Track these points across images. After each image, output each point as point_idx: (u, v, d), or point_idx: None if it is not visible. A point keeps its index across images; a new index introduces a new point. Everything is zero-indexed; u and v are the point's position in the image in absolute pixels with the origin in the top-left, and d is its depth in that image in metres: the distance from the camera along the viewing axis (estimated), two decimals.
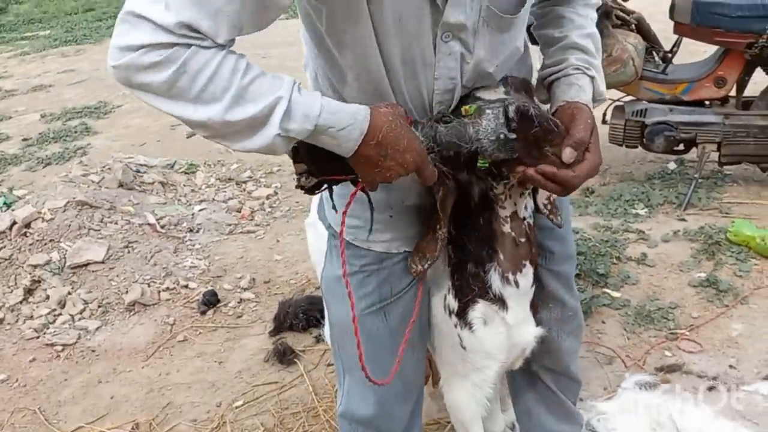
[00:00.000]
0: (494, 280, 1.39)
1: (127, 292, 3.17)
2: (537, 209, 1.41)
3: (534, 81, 1.41)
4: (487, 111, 1.17)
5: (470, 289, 1.42)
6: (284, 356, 2.67)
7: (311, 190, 1.21)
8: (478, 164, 1.21)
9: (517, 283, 1.40)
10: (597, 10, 1.41)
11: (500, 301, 1.42)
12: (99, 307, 3.11)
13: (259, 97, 1.03)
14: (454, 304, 1.46)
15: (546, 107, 1.36)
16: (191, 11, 0.97)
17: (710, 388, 2.24)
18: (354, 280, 1.44)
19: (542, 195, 1.40)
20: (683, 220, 3.24)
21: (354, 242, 1.42)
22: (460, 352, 1.50)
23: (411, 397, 1.58)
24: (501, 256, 1.38)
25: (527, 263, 1.40)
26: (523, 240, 1.37)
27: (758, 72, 3.29)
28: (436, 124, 1.19)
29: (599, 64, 1.34)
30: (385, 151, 1.11)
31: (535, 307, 1.50)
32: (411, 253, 1.42)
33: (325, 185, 1.21)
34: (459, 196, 1.32)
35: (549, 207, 1.43)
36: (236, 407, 2.47)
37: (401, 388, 1.53)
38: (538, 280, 1.48)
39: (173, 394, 2.60)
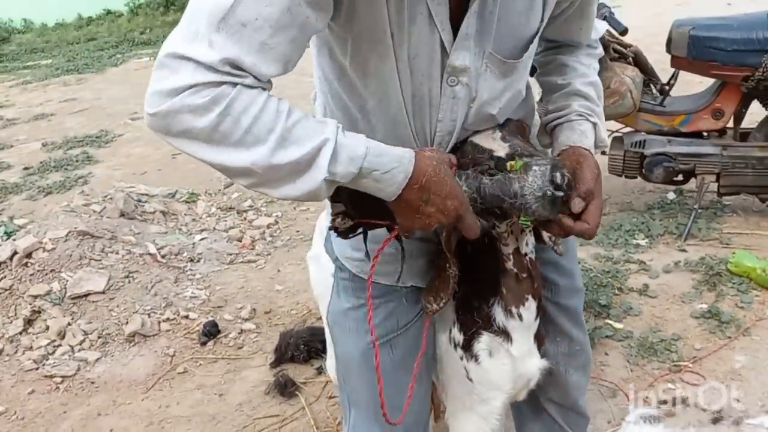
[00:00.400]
0: (498, 313, 1.40)
1: (127, 322, 3.16)
2: (541, 241, 1.42)
3: (535, 121, 1.43)
4: (534, 168, 1.14)
5: (474, 322, 1.43)
6: (285, 388, 2.65)
7: (345, 233, 1.18)
8: (521, 221, 1.19)
9: (520, 317, 1.41)
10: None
11: (504, 334, 1.42)
12: (99, 338, 3.09)
13: (304, 139, 1.00)
14: (459, 337, 1.46)
15: (548, 151, 1.38)
16: (235, 47, 0.95)
17: (715, 421, 2.22)
18: (361, 313, 1.44)
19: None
20: (684, 250, 3.25)
21: (360, 275, 1.43)
22: (466, 384, 1.50)
23: (417, 431, 1.57)
24: (504, 291, 1.39)
25: (530, 297, 1.41)
26: (524, 275, 1.38)
27: (755, 104, 3.33)
28: (481, 175, 1.17)
29: (601, 112, 1.36)
30: (427, 196, 1.09)
31: (540, 340, 1.50)
32: (418, 288, 1.43)
33: (360, 229, 1.19)
34: (461, 236, 1.33)
35: (553, 239, 1.44)
36: None
37: (409, 421, 1.52)
38: (544, 313, 1.48)
39: (173, 427, 2.58)
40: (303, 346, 2.82)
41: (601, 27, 1.47)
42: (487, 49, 1.17)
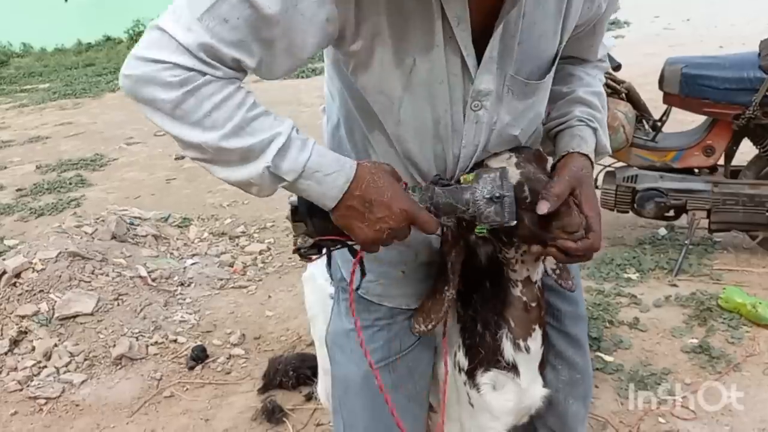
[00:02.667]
0: (507, 347, 1.39)
1: (114, 345, 3.12)
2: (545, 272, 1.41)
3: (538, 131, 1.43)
4: (485, 176, 1.17)
5: (480, 353, 1.41)
6: (273, 415, 2.62)
7: (307, 254, 1.19)
8: (476, 230, 1.20)
9: (528, 349, 1.40)
10: None
11: (514, 369, 1.41)
12: (85, 360, 3.06)
13: (259, 131, 1.05)
14: (464, 362, 1.45)
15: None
16: (214, 39, 1.00)
17: None
18: (364, 335, 1.43)
19: (550, 260, 1.39)
20: (675, 285, 3.26)
21: (366, 296, 1.42)
22: (468, 409, 1.49)
23: None
24: (512, 323, 1.37)
25: (537, 326, 1.40)
26: (534, 305, 1.37)
27: (746, 142, 3.38)
28: (434, 186, 1.19)
29: (603, 120, 1.36)
30: (369, 203, 1.10)
31: (542, 366, 1.48)
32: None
33: (323, 249, 1.20)
34: (468, 255, 1.33)
35: (558, 272, 1.43)
36: None
37: None
38: (547, 339, 1.47)
39: None
40: (292, 373, 2.79)
41: (609, 42, 1.49)
42: (509, 72, 1.18)
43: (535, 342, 1.40)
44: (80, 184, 5.81)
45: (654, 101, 3.63)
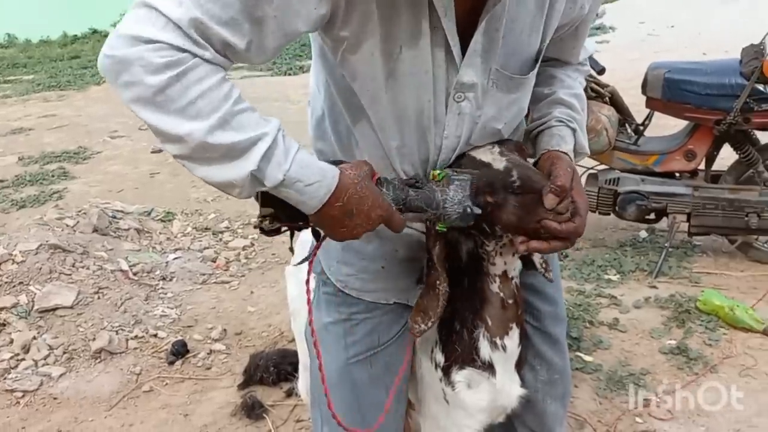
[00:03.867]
0: (483, 346, 1.39)
1: (94, 338, 3.10)
2: (533, 267, 1.42)
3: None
4: (456, 182, 1.19)
5: (456, 350, 1.41)
6: (252, 410, 2.61)
7: (270, 234, 1.18)
8: (438, 227, 1.23)
9: (504, 348, 1.40)
10: None
11: (490, 368, 1.41)
12: (64, 353, 3.03)
13: (245, 127, 1.01)
14: (440, 358, 1.45)
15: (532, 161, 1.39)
16: (206, 15, 0.97)
17: None
18: (341, 328, 1.44)
19: (536, 255, 1.40)
20: (654, 287, 3.30)
21: (345, 290, 1.43)
22: (443, 406, 1.49)
23: None
24: (489, 321, 1.37)
25: (514, 325, 1.40)
26: (511, 301, 1.37)
27: (726, 147, 3.42)
28: (408, 188, 1.20)
29: (583, 121, 1.37)
30: (350, 212, 1.10)
31: (520, 365, 1.48)
32: (401, 305, 1.42)
33: (284, 229, 1.19)
34: (449, 251, 1.33)
35: (544, 265, 1.44)
36: None
37: None
38: (526, 338, 1.47)
39: None
40: (273, 369, 2.79)
41: (591, 47, 1.51)
42: (493, 65, 1.20)
43: (512, 341, 1.40)
44: (63, 176, 5.75)
45: (637, 105, 3.67)
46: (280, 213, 1.13)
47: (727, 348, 2.78)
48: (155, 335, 3.20)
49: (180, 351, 3.05)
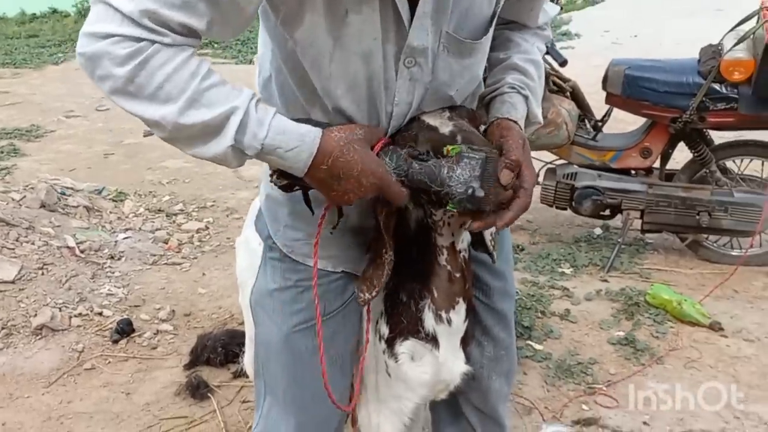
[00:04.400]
0: (428, 318, 1.36)
1: (35, 314, 2.99)
2: (483, 245, 1.39)
3: None
4: (465, 159, 1.13)
5: (401, 321, 1.39)
6: (197, 390, 2.55)
7: (285, 189, 1.20)
8: (447, 207, 1.17)
9: (449, 321, 1.37)
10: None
11: (432, 340, 1.38)
12: (3, 328, 2.91)
13: (215, 103, 1.03)
14: (385, 330, 1.42)
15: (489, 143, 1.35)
16: (156, 4, 0.98)
17: None
18: (287, 295, 1.40)
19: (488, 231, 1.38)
20: (606, 281, 3.33)
21: (291, 255, 1.38)
22: (384, 378, 1.46)
23: (333, 424, 1.52)
24: (435, 294, 1.35)
25: (461, 299, 1.37)
26: (458, 275, 1.35)
27: (682, 147, 3.48)
28: (412, 160, 1.16)
29: (537, 88, 1.33)
30: (338, 177, 1.09)
31: (465, 342, 1.46)
32: (349, 275, 1.39)
33: (297, 187, 1.19)
34: (397, 220, 1.30)
35: (493, 243, 1.41)
36: None
37: (325, 413, 1.47)
38: (474, 314, 1.45)
39: (73, 423, 2.44)
40: (221, 349, 2.73)
41: (551, 11, 1.46)
42: (444, 28, 1.16)
43: (458, 315, 1.38)
44: (12, 153, 5.54)
45: (598, 110, 3.67)
46: (284, 170, 1.14)
47: (674, 341, 2.82)
48: (100, 314, 3.10)
49: (125, 330, 2.96)
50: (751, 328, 2.90)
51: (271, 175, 1.18)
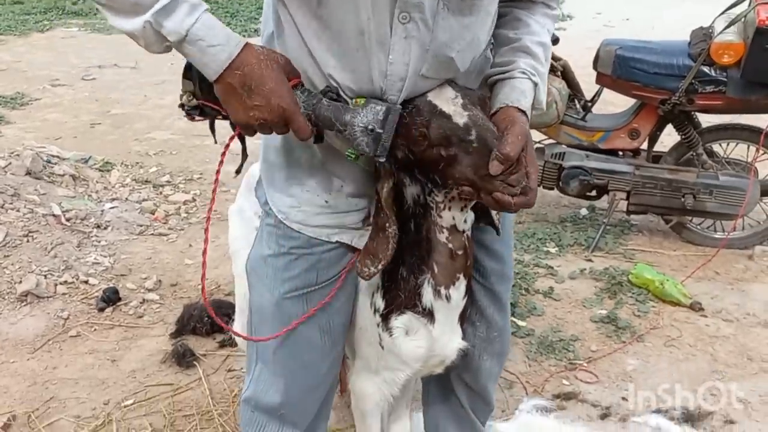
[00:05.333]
0: (426, 293, 1.37)
1: (20, 281, 2.98)
2: (489, 217, 1.39)
3: None
4: (372, 105, 1.17)
5: (399, 295, 1.39)
6: (183, 358, 2.56)
7: (190, 113, 1.23)
8: (347, 152, 1.21)
9: (448, 297, 1.38)
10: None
11: (429, 315, 1.39)
12: None
13: None
14: (380, 304, 1.43)
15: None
16: None
17: (603, 417, 2.30)
18: (280, 262, 1.40)
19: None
20: (590, 260, 3.37)
21: (285, 222, 1.38)
22: (376, 350, 1.48)
23: (321, 392, 1.53)
24: (436, 269, 1.35)
25: (461, 276, 1.38)
26: (460, 253, 1.34)
27: (669, 129, 3.50)
28: (321, 96, 1.18)
29: (545, 74, 1.32)
30: (249, 88, 1.12)
31: (463, 318, 1.47)
32: (344, 246, 1.39)
33: (203, 115, 1.23)
34: (395, 194, 1.30)
35: (498, 217, 1.41)
36: (125, 406, 2.35)
37: (314, 381, 1.49)
38: (470, 293, 1.46)
39: (58, 388, 2.44)
40: (207, 319, 2.73)
41: None
42: None
43: (458, 291, 1.38)
44: None
45: (588, 92, 3.66)
46: (197, 88, 1.19)
47: (655, 320, 2.87)
48: (86, 282, 3.09)
49: (111, 298, 2.96)
50: (730, 309, 2.95)
51: (181, 96, 1.21)
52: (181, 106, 1.22)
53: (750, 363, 2.59)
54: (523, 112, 1.25)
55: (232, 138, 1.22)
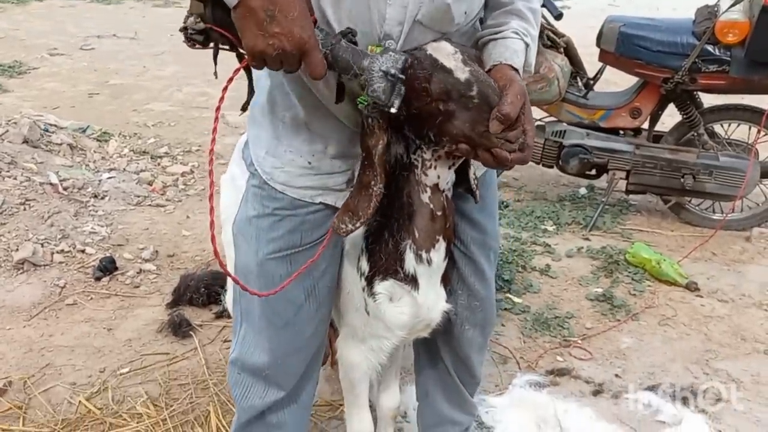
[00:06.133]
0: (408, 258, 1.37)
1: (17, 249, 2.98)
2: (467, 184, 1.39)
3: None
4: (391, 53, 1.16)
5: (382, 260, 1.39)
6: (179, 328, 2.57)
7: (192, 38, 1.15)
8: (359, 100, 1.19)
9: (429, 261, 1.38)
10: None
11: (413, 281, 1.40)
12: None
13: None
14: (365, 267, 1.43)
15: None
16: None
17: (595, 393, 2.31)
18: (264, 223, 1.40)
19: (472, 170, 1.39)
20: (587, 239, 3.37)
21: (270, 182, 1.38)
22: (363, 316, 1.48)
23: (307, 354, 1.54)
24: (416, 234, 1.35)
25: (441, 238, 1.38)
26: (439, 213, 1.35)
27: (671, 108, 3.48)
28: (341, 36, 1.15)
29: (536, 37, 1.33)
30: (272, 14, 1.05)
31: (446, 280, 1.48)
32: (329, 207, 1.38)
33: (211, 42, 1.16)
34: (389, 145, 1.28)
35: (476, 183, 1.42)
36: (120, 374, 2.36)
37: (298, 343, 1.50)
38: (451, 257, 1.46)
39: (54, 356, 2.45)
40: (203, 290, 2.75)
41: None
42: None
43: (438, 254, 1.39)
44: None
45: (591, 72, 3.63)
46: (207, 11, 1.11)
47: (650, 299, 2.87)
48: (83, 251, 3.09)
49: (108, 267, 2.96)
50: (726, 290, 2.95)
51: (187, 17, 1.14)
52: (184, 29, 1.14)
53: (743, 343, 2.60)
54: (517, 71, 1.26)
55: (237, 70, 1.17)
